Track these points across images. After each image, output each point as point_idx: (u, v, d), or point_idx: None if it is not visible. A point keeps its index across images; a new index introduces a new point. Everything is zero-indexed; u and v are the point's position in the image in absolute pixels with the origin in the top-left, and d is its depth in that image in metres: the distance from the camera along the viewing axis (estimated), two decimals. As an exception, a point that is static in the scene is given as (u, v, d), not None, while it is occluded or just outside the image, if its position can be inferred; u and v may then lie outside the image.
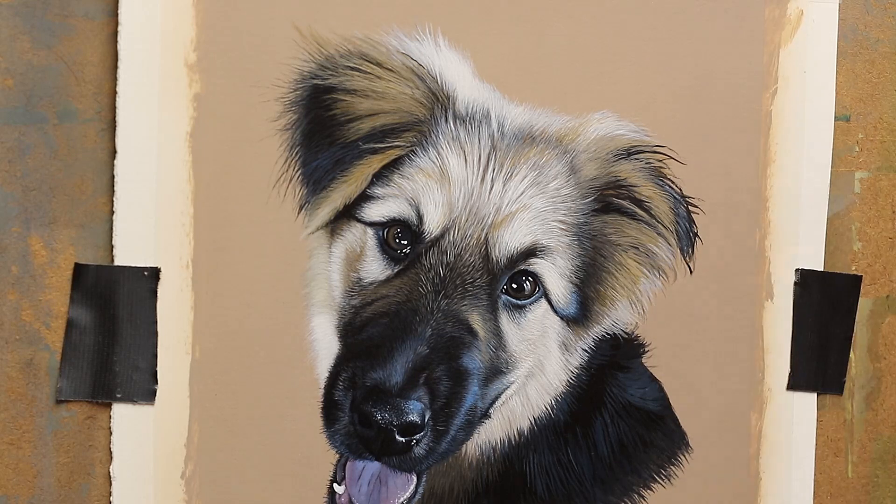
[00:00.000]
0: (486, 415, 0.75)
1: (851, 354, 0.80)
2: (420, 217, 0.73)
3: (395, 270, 0.74)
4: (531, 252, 0.74)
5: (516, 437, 0.78)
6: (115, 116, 0.76)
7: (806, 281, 0.78)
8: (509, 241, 0.73)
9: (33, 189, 0.77)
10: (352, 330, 0.74)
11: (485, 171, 0.74)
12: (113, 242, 0.76)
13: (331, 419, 0.71)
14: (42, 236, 0.77)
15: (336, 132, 0.75)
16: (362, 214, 0.75)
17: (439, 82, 0.75)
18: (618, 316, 0.77)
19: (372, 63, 0.75)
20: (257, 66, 0.76)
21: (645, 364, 0.79)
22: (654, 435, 0.79)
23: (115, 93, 0.76)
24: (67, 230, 0.77)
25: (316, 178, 0.75)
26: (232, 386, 0.77)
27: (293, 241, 0.77)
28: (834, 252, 0.80)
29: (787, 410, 0.79)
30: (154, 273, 0.76)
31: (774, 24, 0.78)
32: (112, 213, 0.76)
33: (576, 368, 0.77)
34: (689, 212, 0.77)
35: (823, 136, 0.79)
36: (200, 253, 0.77)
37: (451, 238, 0.73)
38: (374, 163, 0.74)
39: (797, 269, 0.79)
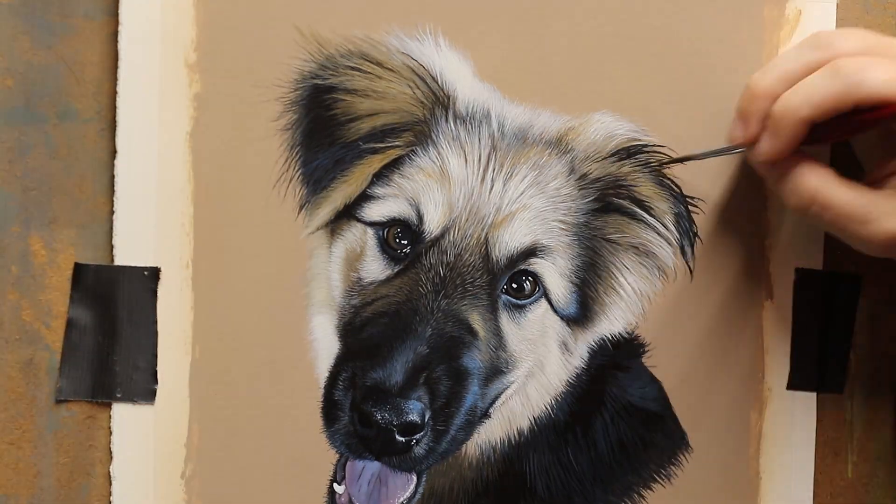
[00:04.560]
0: (486, 414, 0.75)
1: (851, 354, 0.79)
2: (420, 217, 0.73)
3: (395, 270, 0.74)
4: (531, 252, 0.74)
5: (516, 436, 0.78)
6: (115, 116, 0.76)
7: (806, 281, 0.78)
8: (509, 240, 0.73)
9: (33, 189, 0.77)
10: (352, 330, 0.74)
11: (485, 170, 0.74)
12: (113, 242, 0.76)
13: (331, 419, 0.71)
14: (42, 236, 0.77)
15: (336, 132, 0.75)
16: (362, 214, 0.75)
17: (439, 82, 0.75)
18: (618, 316, 0.77)
19: (372, 63, 0.75)
20: (257, 66, 0.76)
21: (645, 364, 0.78)
22: (654, 435, 0.79)
23: (115, 93, 0.76)
24: (67, 230, 0.77)
25: (316, 178, 0.76)
26: (232, 386, 0.77)
27: (293, 241, 0.77)
28: (834, 252, 0.80)
29: (787, 410, 0.79)
30: (154, 273, 0.76)
31: (773, 23, 0.78)
32: (112, 213, 0.76)
33: (576, 368, 0.77)
34: (689, 211, 0.77)
35: (823, 135, 0.79)
36: (200, 253, 0.77)
37: (452, 238, 0.73)
38: (375, 162, 0.74)
39: (797, 269, 0.79)
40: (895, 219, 0.67)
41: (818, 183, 0.68)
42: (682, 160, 0.75)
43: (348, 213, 0.76)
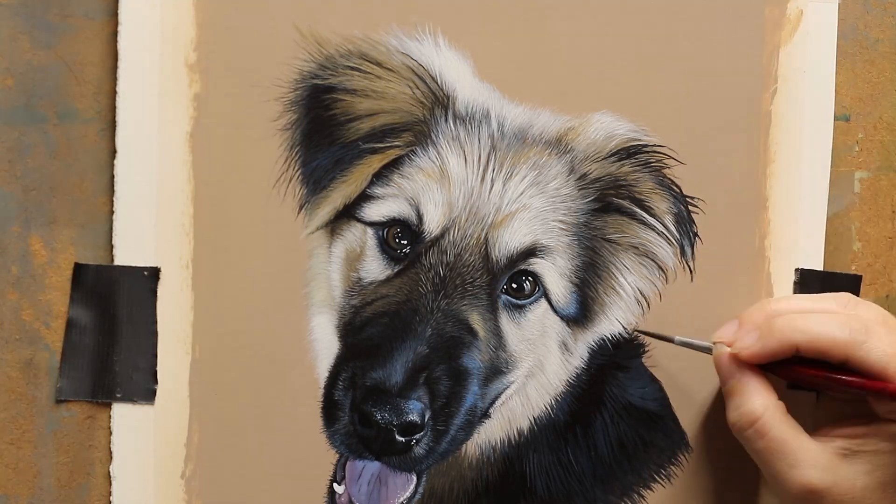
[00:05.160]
0: (486, 414, 0.75)
1: (851, 354, 0.79)
2: (420, 217, 0.73)
3: (395, 270, 0.74)
4: (531, 252, 0.74)
5: (516, 436, 0.78)
6: (115, 116, 0.76)
7: (806, 281, 0.78)
8: (509, 240, 0.73)
9: (33, 189, 0.77)
10: (352, 330, 0.74)
11: (485, 170, 0.74)
12: (113, 242, 0.76)
13: (331, 419, 0.71)
14: (42, 236, 0.77)
15: (336, 132, 0.75)
16: (362, 214, 0.75)
17: (439, 82, 0.75)
18: (617, 316, 0.77)
19: (372, 63, 0.75)
20: (257, 66, 0.76)
21: (645, 364, 0.78)
22: (654, 435, 0.79)
23: (115, 93, 0.76)
24: (67, 230, 0.77)
25: (316, 178, 0.76)
26: (232, 386, 0.77)
27: (293, 241, 0.77)
28: (834, 252, 0.80)
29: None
30: (154, 273, 0.76)
31: (774, 23, 0.78)
32: (112, 213, 0.76)
33: (576, 368, 0.77)
34: (689, 211, 0.77)
35: (823, 135, 0.79)
36: (200, 253, 0.77)
37: (451, 238, 0.73)
38: (374, 162, 0.74)
39: (797, 269, 0.79)
40: (818, 473, 0.68)
41: (765, 409, 0.70)
42: (657, 337, 0.77)
43: (348, 213, 0.76)
